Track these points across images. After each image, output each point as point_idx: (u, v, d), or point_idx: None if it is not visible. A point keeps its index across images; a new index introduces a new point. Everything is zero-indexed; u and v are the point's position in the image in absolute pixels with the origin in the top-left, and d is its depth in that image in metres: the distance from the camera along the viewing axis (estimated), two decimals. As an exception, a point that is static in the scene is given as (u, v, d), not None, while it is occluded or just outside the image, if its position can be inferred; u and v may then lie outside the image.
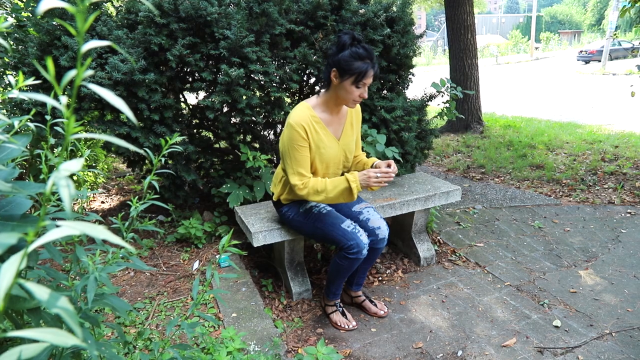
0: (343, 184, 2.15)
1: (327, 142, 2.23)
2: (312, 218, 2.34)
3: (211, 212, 3.53)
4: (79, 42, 0.39)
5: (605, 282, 2.89)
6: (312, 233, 2.38)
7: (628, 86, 5.10)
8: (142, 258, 3.11)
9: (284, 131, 2.18)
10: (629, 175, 4.81)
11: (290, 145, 2.14)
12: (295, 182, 2.18)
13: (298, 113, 2.15)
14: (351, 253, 2.24)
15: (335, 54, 2.08)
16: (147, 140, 2.94)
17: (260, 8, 2.80)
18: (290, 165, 2.18)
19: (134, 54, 2.81)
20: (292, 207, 2.42)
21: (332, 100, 2.20)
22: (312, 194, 2.19)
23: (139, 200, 1.35)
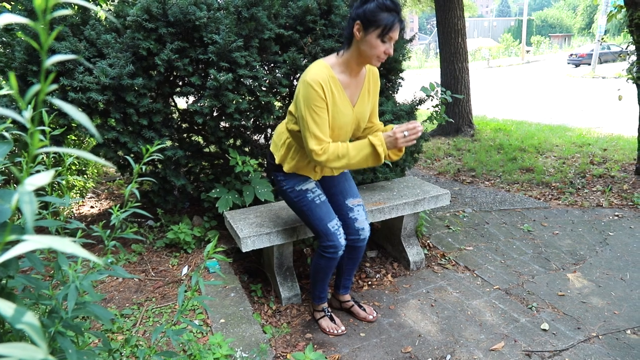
0: (367, 148, 1.98)
1: (342, 107, 2.06)
2: (304, 202, 2.25)
3: (201, 216, 3.52)
4: (43, 57, 0.39)
5: (593, 285, 2.91)
6: (298, 214, 2.33)
7: (616, 90, 5.14)
8: (131, 263, 3.09)
9: (299, 89, 1.98)
10: (617, 178, 4.85)
11: (307, 105, 1.95)
12: (313, 148, 1.97)
13: (316, 71, 1.96)
14: (328, 252, 2.27)
15: (359, 6, 1.90)
16: (135, 145, 2.93)
17: (249, 13, 2.80)
18: (307, 128, 1.97)
19: (122, 58, 2.80)
20: (290, 180, 2.26)
21: (353, 60, 2.02)
22: (332, 160, 1.99)
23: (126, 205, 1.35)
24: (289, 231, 2.61)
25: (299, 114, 2.00)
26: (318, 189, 2.28)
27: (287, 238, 2.61)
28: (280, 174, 2.28)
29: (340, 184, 2.40)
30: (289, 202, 2.32)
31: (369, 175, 3.21)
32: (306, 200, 2.24)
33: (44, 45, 0.40)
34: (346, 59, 2.03)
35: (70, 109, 0.42)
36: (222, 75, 2.66)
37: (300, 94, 1.97)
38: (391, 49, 1.94)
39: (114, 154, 3.07)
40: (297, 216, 2.74)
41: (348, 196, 2.39)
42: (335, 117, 2.04)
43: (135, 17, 2.75)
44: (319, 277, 2.41)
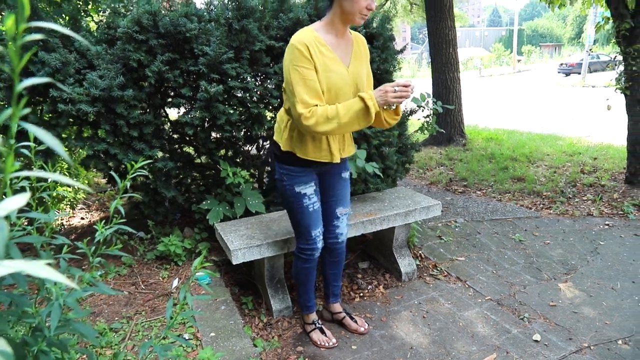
0: (357, 104, 1.90)
1: (333, 66, 1.96)
2: (298, 205, 2.20)
3: (192, 227, 3.49)
4: (15, 81, 0.38)
5: (584, 294, 2.92)
6: (288, 211, 2.28)
7: (605, 99, 5.20)
8: (121, 276, 3.06)
9: (285, 54, 1.93)
10: (607, 187, 4.88)
11: (291, 67, 1.88)
12: (301, 111, 1.86)
13: (300, 33, 1.93)
14: (304, 254, 2.33)
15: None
16: (125, 157, 2.91)
17: (239, 25, 2.80)
18: (292, 92, 1.89)
19: (112, 69, 2.79)
20: (291, 177, 2.16)
21: (337, 19, 1.97)
22: (321, 122, 1.88)
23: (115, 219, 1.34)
24: (280, 243, 2.60)
25: (285, 79, 1.94)
26: (315, 195, 2.23)
27: (278, 250, 2.60)
28: (284, 168, 2.17)
29: (340, 191, 2.36)
30: (282, 197, 2.26)
31: (360, 186, 3.21)
32: (301, 204, 2.20)
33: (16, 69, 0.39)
34: (330, 19, 1.99)
35: (42, 134, 0.42)
36: (213, 87, 2.66)
37: (286, 59, 1.93)
38: (373, 4, 1.93)
39: (104, 165, 3.05)
40: (288, 228, 2.73)
41: (340, 205, 2.38)
42: (330, 77, 1.95)
43: (125, 29, 2.75)
44: (301, 281, 2.44)
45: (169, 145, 3.36)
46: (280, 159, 2.17)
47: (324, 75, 1.93)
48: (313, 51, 1.89)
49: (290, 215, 2.29)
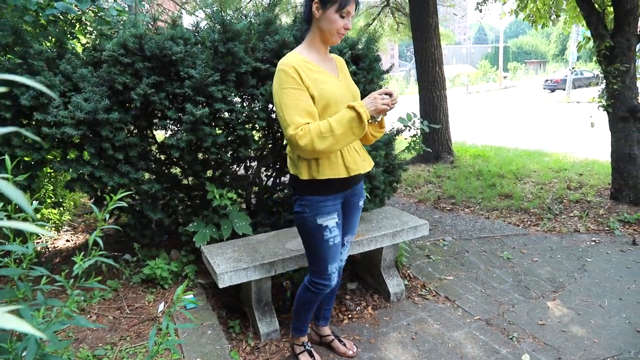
0: (349, 114, 1.85)
1: (323, 78, 1.96)
2: (318, 238, 2.09)
3: (179, 249, 3.46)
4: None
5: (572, 312, 2.92)
6: (306, 244, 2.17)
7: (589, 116, 5.28)
8: (106, 300, 3.00)
9: (274, 81, 1.92)
10: (593, 203, 4.93)
11: (280, 91, 1.87)
12: (291, 132, 1.82)
13: (285, 57, 1.93)
14: (317, 288, 2.23)
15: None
16: (111, 180, 2.89)
17: (225, 47, 2.82)
18: (283, 116, 1.86)
19: (98, 92, 2.78)
20: (313, 208, 2.06)
21: (317, 39, 2.00)
22: (316, 140, 1.83)
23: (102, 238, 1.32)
24: (267, 266, 2.58)
25: (275, 105, 1.91)
26: (337, 229, 2.13)
27: (265, 273, 2.58)
28: (306, 199, 2.07)
29: (354, 219, 2.32)
30: (302, 230, 2.15)
31: (348, 206, 3.20)
32: (321, 237, 2.09)
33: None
34: (310, 40, 2.02)
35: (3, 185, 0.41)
36: (199, 110, 2.66)
37: (274, 83, 1.92)
38: (349, 23, 1.96)
39: (90, 188, 3.02)
40: (275, 250, 2.72)
41: (349, 233, 2.34)
42: (323, 89, 1.92)
43: (111, 52, 2.75)
44: (303, 309, 2.35)
45: (156, 166, 3.34)
46: (301, 190, 2.08)
47: (317, 89, 1.91)
48: (301, 71, 1.88)
49: (307, 248, 2.18)
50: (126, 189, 3.30)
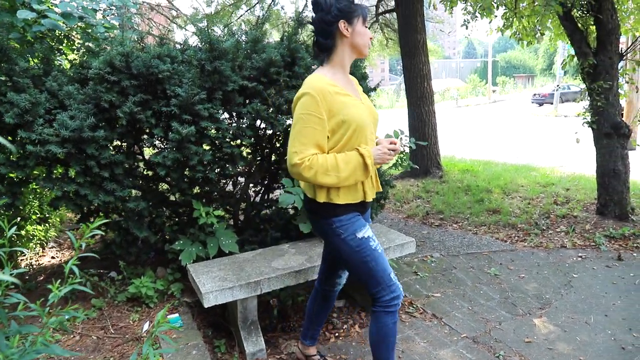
0: (356, 158, 1.86)
1: (350, 101, 1.92)
2: (367, 251, 1.98)
3: (166, 267, 3.43)
4: None
5: (559, 329, 2.93)
6: (355, 264, 2.01)
7: (575, 132, 5.35)
8: (90, 320, 2.96)
9: (298, 103, 1.87)
10: (579, 218, 4.97)
11: (300, 115, 1.84)
12: (296, 162, 1.80)
13: (313, 81, 1.88)
14: (393, 306, 2.03)
15: (328, 10, 1.91)
16: (96, 198, 2.87)
17: (212, 66, 2.83)
18: (293, 141, 1.83)
19: (84, 110, 2.77)
20: (347, 226, 1.98)
21: (346, 58, 1.99)
22: (320, 175, 1.81)
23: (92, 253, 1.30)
24: (253, 285, 2.56)
25: (293, 123, 1.87)
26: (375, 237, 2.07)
27: (250, 292, 2.57)
28: (335, 220, 1.99)
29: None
30: (346, 252, 2.00)
31: (335, 223, 3.20)
32: (369, 249, 1.99)
33: None
34: (336, 61, 1.99)
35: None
36: (185, 128, 2.66)
37: (298, 107, 1.86)
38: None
39: (75, 206, 2.99)
40: (261, 268, 2.70)
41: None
42: (350, 113, 1.88)
43: (97, 70, 2.75)
44: (391, 342, 2.07)
45: (143, 183, 3.33)
46: (326, 213, 1.99)
47: (345, 114, 1.87)
48: (329, 96, 1.86)
49: (362, 269, 2.01)
50: (112, 207, 3.29)
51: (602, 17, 4.43)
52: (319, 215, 2.02)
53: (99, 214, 3.38)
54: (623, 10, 5.27)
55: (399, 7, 7.21)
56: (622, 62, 4.86)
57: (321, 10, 1.93)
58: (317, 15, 1.95)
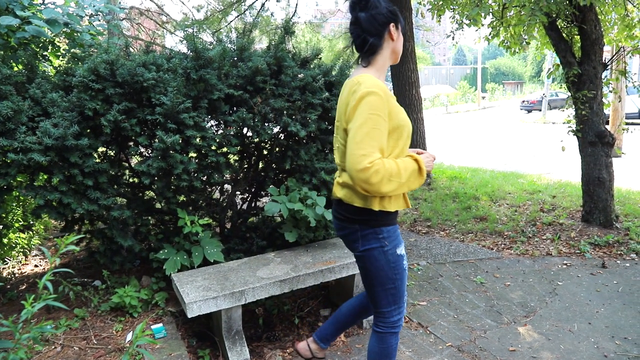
0: (412, 165, 1.78)
1: (398, 106, 1.85)
2: (399, 269, 1.93)
3: (151, 276, 3.40)
4: None
5: (543, 338, 2.94)
6: (381, 280, 1.93)
7: (560, 140, 5.40)
8: (72, 330, 2.92)
9: (361, 103, 1.70)
10: (565, 225, 5.02)
11: (368, 115, 1.67)
12: (366, 165, 1.63)
13: (372, 79, 1.75)
14: (398, 326, 2.04)
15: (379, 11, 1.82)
16: (79, 206, 2.84)
17: (197, 74, 2.83)
18: (360, 143, 1.66)
19: (68, 118, 2.75)
20: (392, 239, 1.91)
21: (388, 62, 1.91)
22: (385, 179, 1.67)
23: (75, 260, 1.28)
24: (237, 294, 2.55)
25: (353, 125, 1.70)
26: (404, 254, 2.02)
27: (234, 302, 2.55)
28: (384, 231, 1.90)
29: None
30: (380, 266, 1.91)
31: (320, 232, 3.20)
32: (401, 267, 1.94)
33: None
34: (381, 65, 1.89)
35: None
36: (169, 137, 2.64)
37: (362, 107, 1.70)
38: None
39: (58, 214, 2.96)
40: (246, 278, 2.69)
41: None
42: (404, 118, 1.84)
43: (81, 78, 2.73)
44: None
45: (130, 190, 3.30)
46: (376, 222, 1.89)
47: (400, 118, 1.81)
48: (391, 98, 1.78)
49: (382, 285, 1.95)
50: (96, 215, 3.26)
51: (586, 27, 4.49)
52: (369, 224, 1.89)
53: (84, 222, 3.35)
54: (607, 21, 5.36)
55: (388, 15, 7.25)
56: (607, 71, 4.93)
57: (372, 7, 1.83)
58: (367, 12, 1.83)
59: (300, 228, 3.08)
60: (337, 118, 1.94)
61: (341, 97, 1.89)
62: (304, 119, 3.18)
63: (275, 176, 3.67)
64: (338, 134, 1.95)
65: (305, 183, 3.23)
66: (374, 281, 1.96)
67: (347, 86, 1.83)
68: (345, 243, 2.01)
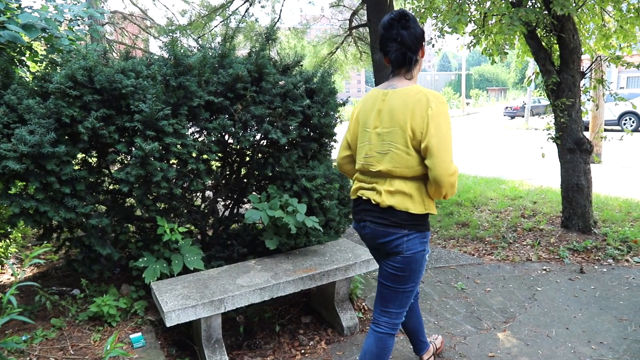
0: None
1: None
2: (421, 273, 2.11)
3: (131, 284, 3.35)
4: None
5: (521, 343, 2.97)
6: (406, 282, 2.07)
7: (540, 147, 5.48)
8: (49, 340, 2.87)
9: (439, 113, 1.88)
10: (545, 231, 5.08)
11: (447, 125, 1.90)
12: (454, 170, 1.87)
13: (434, 92, 1.96)
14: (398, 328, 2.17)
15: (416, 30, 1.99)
16: (56, 214, 2.80)
17: (177, 81, 2.81)
18: (448, 151, 1.87)
19: (44, 125, 2.71)
20: (428, 242, 2.08)
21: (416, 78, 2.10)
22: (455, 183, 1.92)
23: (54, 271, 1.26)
24: (217, 303, 2.53)
25: (437, 134, 1.86)
26: None
27: (214, 310, 2.53)
28: (427, 234, 2.06)
29: None
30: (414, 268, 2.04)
31: (302, 239, 3.20)
32: (422, 273, 2.12)
33: None
34: (416, 77, 2.09)
35: None
36: (148, 145, 2.62)
37: (440, 113, 1.89)
38: None
39: (34, 223, 2.91)
40: (226, 286, 2.68)
41: None
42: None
43: (58, 85, 2.69)
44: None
45: (110, 197, 3.27)
46: (423, 227, 2.03)
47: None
48: None
49: (404, 288, 2.08)
50: (74, 223, 3.21)
51: (564, 36, 4.57)
52: (417, 229, 2.01)
53: (63, 230, 3.30)
54: (586, 30, 5.46)
55: (371, 22, 7.30)
56: (586, 79, 5.02)
57: (411, 27, 1.98)
58: (407, 31, 1.97)
59: (281, 235, 3.07)
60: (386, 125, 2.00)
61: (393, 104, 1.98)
62: (285, 126, 3.18)
63: (258, 182, 3.66)
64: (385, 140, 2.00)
65: (287, 190, 3.23)
66: (402, 283, 2.06)
67: (406, 95, 1.95)
68: (386, 248, 2.05)
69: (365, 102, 2.13)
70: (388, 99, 2.00)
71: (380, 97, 2.03)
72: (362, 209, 2.12)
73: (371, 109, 2.06)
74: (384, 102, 2.01)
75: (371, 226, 2.07)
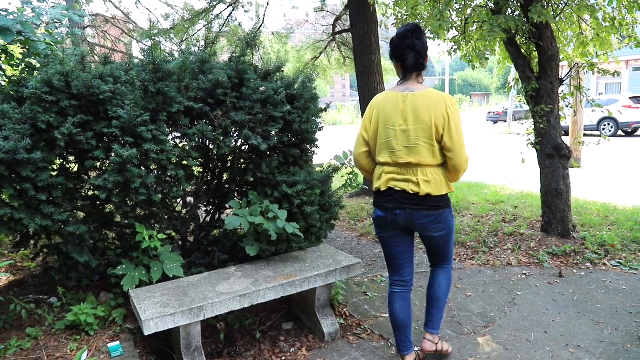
0: None
1: None
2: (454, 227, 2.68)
3: (110, 291, 3.30)
4: None
5: (501, 348, 2.99)
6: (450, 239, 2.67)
7: (520, 152, 5.55)
8: (23, 351, 2.81)
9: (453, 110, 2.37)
10: (525, 235, 5.14)
11: (459, 119, 2.39)
12: (468, 156, 2.43)
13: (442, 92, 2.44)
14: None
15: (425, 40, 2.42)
16: (32, 222, 2.75)
17: (155, 87, 2.79)
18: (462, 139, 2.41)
19: (20, 130, 2.67)
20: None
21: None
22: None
23: None
24: (196, 310, 2.51)
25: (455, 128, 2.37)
26: None
27: (193, 318, 2.51)
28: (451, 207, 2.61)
29: None
30: (453, 231, 2.66)
31: (283, 245, 3.19)
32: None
33: None
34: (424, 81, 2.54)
35: None
36: (126, 151, 2.60)
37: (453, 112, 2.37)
38: None
39: (9, 230, 2.85)
40: (206, 293, 2.66)
41: None
42: None
43: (34, 90, 2.65)
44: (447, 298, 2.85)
45: (89, 203, 3.21)
46: (449, 202, 2.57)
47: None
48: None
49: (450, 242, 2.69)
50: (51, 231, 3.16)
51: (542, 44, 4.65)
52: (448, 205, 2.55)
53: (41, 237, 3.24)
54: (564, 38, 5.55)
55: (354, 27, 7.34)
56: (565, 86, 5.11)
57: (422, 37, 2.41)
58: (421, 40, 2.40)
59: (262, 242, 3.06)
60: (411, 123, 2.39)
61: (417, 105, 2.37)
62: (266, 132, 3.17)
63: (240, 188, 3.64)
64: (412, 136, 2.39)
65: (268, 196, 3.22)
66: (450, 242, 2.68)
67: (428, 98, 2.37)
68: (426, 227, 2.51)
69: (384, 104, 2.49)
70: (409, 100, 2.39)
71: (401, 100, 2.41)
72: (396, 199, 2.48)
73: (392, 109, 2.42)
74: (404, 103, 2.39)
75: (410, 212, 2.46)
